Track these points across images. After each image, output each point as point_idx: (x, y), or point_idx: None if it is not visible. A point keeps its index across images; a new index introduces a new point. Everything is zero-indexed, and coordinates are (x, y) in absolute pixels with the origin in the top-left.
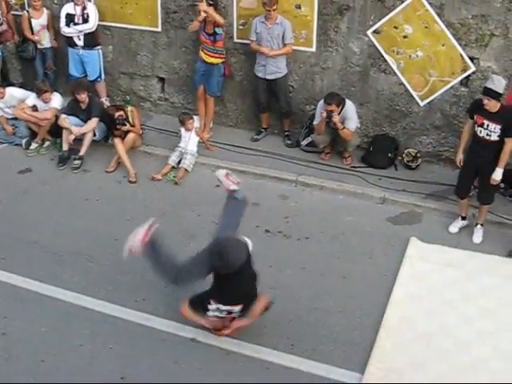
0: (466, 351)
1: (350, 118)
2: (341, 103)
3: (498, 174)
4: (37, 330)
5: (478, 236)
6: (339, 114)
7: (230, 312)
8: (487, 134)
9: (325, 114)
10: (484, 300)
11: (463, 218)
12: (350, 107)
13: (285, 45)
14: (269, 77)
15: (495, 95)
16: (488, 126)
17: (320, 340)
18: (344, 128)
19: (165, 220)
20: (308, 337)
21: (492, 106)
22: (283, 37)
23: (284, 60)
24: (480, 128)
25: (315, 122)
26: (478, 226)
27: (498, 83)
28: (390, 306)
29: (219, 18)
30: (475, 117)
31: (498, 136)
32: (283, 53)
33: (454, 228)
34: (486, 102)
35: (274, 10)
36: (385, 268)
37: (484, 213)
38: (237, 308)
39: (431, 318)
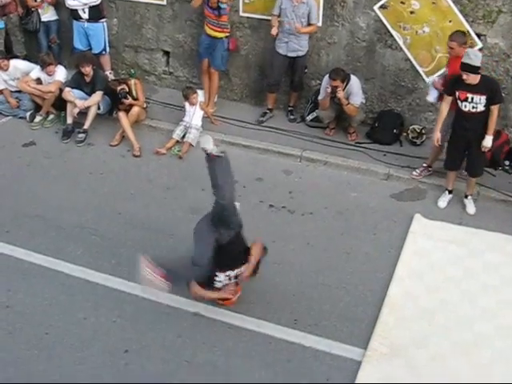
0: (469, 328)
1: (355, 93)
2: (346, 79)
3: (488, 141)
4: (40, 302)
5: (470, 207)
6: (344, 89)
7: (238, 275)
8: (473, 107)
9: (330, 90)
10: (487, 277)
11: (450, 192)
12: (355, 83)
13: (310, 24)
14: (290, 54)
15: (473, 69)
16: (473, 98)
17: (323, 315)
18: (349, 104)
19: (169, 194)
20: (311, 312)
21: (472, 79)
22: (308, 16)
23: (306, 38)
24: (465, 103)
25: (320, 98)
26: (469, 197)
27: (475, 57)
28: (393, 282)
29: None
30: (457, 93)
31: (484, 106)
32: (308, 31)
33: (443, 203)
34: (465, 77)
35: None
36: (388, 244)
37: (473, 185)
38: (243, 268)
39: (434, 294)
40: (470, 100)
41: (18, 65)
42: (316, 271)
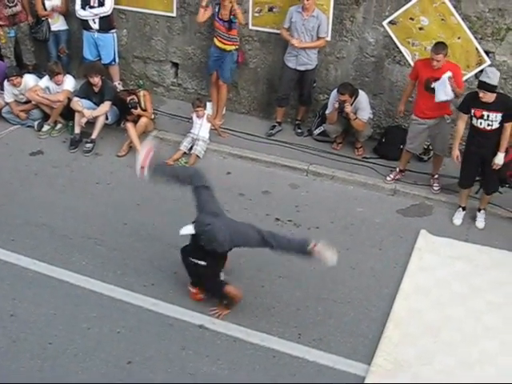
0: (473, 345)
1: (363, 108)
2: (354, 93)
3: (499, 159)
4: (45, 312)
5: (481, 221)
6: (352, 104)
7: None
8: (488, 125)
9: (337, 105)
10: (492, 295)
11: (464, 209)
12: (363, 98)
13: (319, 38)
14: (299, 68)
15: (491, 88)
16: (488, 116)
17: (327, 330)
18: (356, 118)
19: (175, 206)
20: (315, 326)
21: (489, 97)
22: (318, 30)
23: (316, 52)
24: (480, 120)
25: (328, 112)
26: (482, 211)
27: (493, 76)
28: (398, 297)
29: (242, 19)
30: (473, 110)
31: (499, 123)
32: (316, 46)
33: (458, 220)
34: (481, 95)
35: (307, 0)
36: (394, 260)
37: (487, 199)
38: None
39: (439, 310)
40: (485, 117)
41: (28, 81)
42: (321, 286)
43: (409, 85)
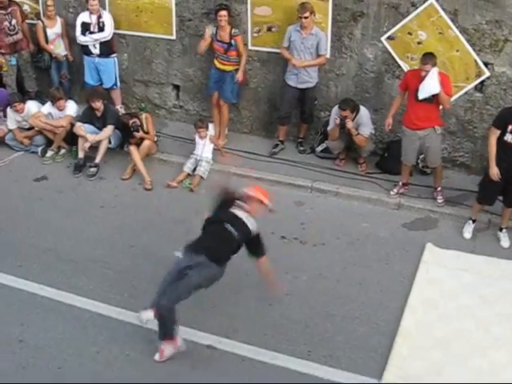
0: (483, 357)
1: (365, 123)
2: (355, 109)
3: None
4: (53, 336)
5: (505, 240)
6: (353, 119)
7: None
8: None
9: (338, 120)
10: (500, 305)
11: (474, 221)
12: (364, 113)
13: (319, 55)
14: (300, 86)
15: None
16: None
17: (337, 346)
18: (358, 134)
19: (180, 227)
20: (325, 343)
21: None
22: (317, 48)
23: (316, 69)
24: None
25: (329, 128)
26: (504, 230)
27: None
28: (407, 311)
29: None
30: (510, 127)
31: None
32: (316, 64)
33: (469, 233)
34: None
35: (305, 18)
36: (401, 274)
37: (508, 215)
38: None
39: (448, 323)
40: None
41: (30, 107)
42: (329, 302)
43: (398, 95)
